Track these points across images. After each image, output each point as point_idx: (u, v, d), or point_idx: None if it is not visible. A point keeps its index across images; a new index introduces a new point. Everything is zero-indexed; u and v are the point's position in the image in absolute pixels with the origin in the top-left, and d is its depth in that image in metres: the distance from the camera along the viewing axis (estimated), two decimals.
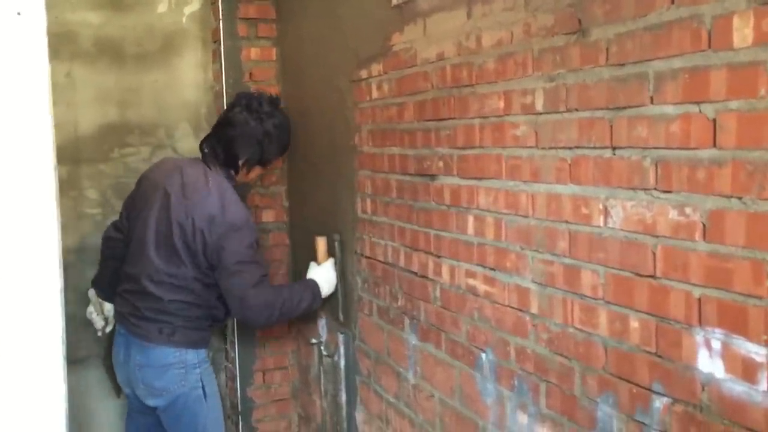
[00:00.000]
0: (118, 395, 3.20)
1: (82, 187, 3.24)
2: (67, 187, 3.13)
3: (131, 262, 2.73)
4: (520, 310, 1.73)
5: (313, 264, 2.84)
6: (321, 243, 2.83)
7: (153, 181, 2.74)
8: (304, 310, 2.76)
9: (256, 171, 2.84)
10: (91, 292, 2.97)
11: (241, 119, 2.68)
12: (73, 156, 3.20)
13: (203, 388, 2.69)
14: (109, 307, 2.95)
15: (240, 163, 2.72)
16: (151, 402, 2.69)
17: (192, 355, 2.68)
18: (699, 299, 1.24)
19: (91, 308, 2.97)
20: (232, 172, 2.74)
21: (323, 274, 2.78)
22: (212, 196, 2.60)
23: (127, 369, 2.72)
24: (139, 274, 2.67)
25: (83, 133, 3.24)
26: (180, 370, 2.65)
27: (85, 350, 3.19)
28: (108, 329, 2.99)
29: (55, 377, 0.82)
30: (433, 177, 2.09)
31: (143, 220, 2.68)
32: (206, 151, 2.73)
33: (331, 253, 2.82)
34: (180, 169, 2.71)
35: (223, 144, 2.69)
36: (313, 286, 2.74)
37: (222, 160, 2.70)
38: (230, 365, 3.46)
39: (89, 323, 2.98)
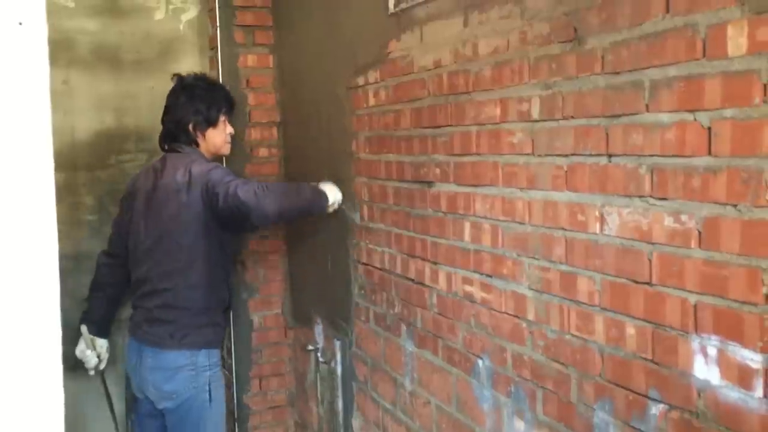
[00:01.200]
0: (109, 404, 3.15)
1: (78, 193, 3.24)
2: (64, 194, 3.13)
3: (136, 268, 2.78)
4: (517, 317, 1.73)
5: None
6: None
7: (133, 193, 2.83)
8: (309, 201, 2.65)
9: (214, 134, 2.83)
10: (83, 329, 2.91)
11: (172, 99, 2.81)
12: (69, 162, 3.20)
13: (210, 392, 2.70)
14: (101, 343, 2.94)
15: (191, 129, 2.78)
16: (161, 405, 2.72)
17: (203, 358, 2.70)
18: (695, 306, 1.24)
19: (82, 345, 2.92)
20: (195, 146, 2.81)
21: (328, 185, 2.73)
22: (181, 169, 2.68)
23: (139, 375, 2.74)
24: (146, 274, 2.72)
25: (80, 139, 3.24)
26: (191, 372, 2.67)
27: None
28: (102, 366, 2.96)
29: (53, 385, 0.83)
30: (429, 184, 2.10)
31: (135, 225, 2.77)
32: (165, 146, 2.84)
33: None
34: (151, 168, 2.83)
35: (173, 127, 2.80)
36: (314, 186, 2.71)
37: (183, 140, 2.79)
38: (227, 372, 3.45)
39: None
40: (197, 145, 2.80)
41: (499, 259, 1.79)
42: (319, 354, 3.00)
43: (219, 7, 3.22)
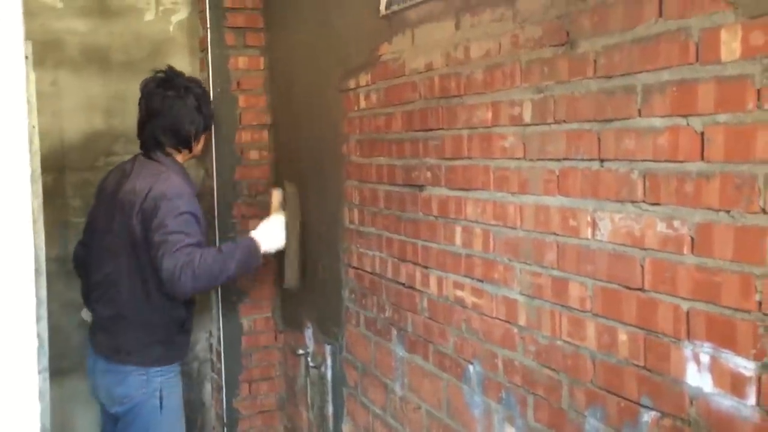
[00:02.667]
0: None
1: (66, 195, 3.21)
2: (52, 196, 3.09)
3: (92, 271, 2.72)
4: (508, 322, 1.72)
5: (272, 215, 2.78)
6: (275, 195, 2.77)
7: (102, 189, 2.77)
8: (238, 269, 2.59)
9: (202, 140, 2.82)
10: (85, 312, 2.90)
11: (169, 102, 2.65)
12: (58, 164, 3.17)
13: (161, 399, 2.61)
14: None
15: (192, 137, 2.70)
16: (113, 409, 2.66)
17: (154, 367, 2.63)
18: (687, 313, 1.23)
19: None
20: (176, 152, 2.71)
21: (267, 229, 2.70)
22: (146, 180, 2.58)
23: (93, 378, 2.72)
24: (100, 280, 2.66)
25: (69, 141, 3.21)
26: (141, 376, 2.59)
27: (68, 361, 3.15)
28: None
29: (29, 393, 0.80)
30: (421, 187, 2.08)
31: (96, 225, 2.72)
32: (148, 144, 2.70)
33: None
34: (122, 170, 2.73)
35: (165, 132, 2.66)
36: (248, 245, 2.62)
37: (173, 144, 2.68)
38: (216, 376, 3.43)
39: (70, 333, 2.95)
40: (189, 149, 2.72)
41: (491, 263, 1.77)
42: (309, 358, 2.98)
43: (210, 9, 3.20)
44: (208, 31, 3.21)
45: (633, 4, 1.31)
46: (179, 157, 2.75)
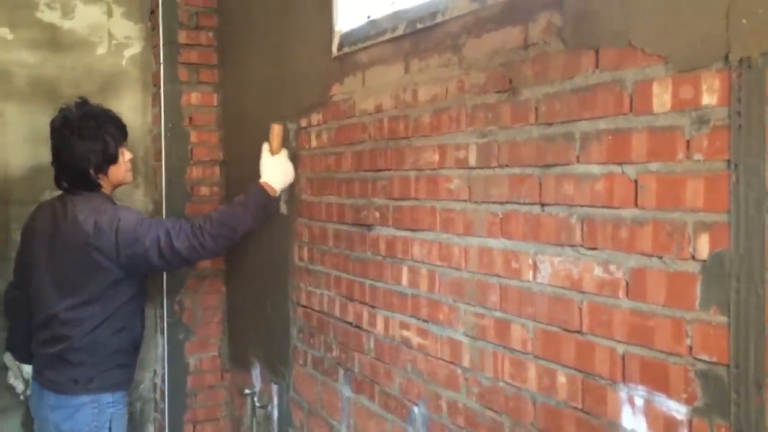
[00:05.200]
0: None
1: (10, 229, 3.13)
2: None
3: (37, 312, 2.63)
4: (453, 363, 1.72)
5: (265, 153, 2.59)
6: (276, 130, 2.57)
7: (33, 229, 2.68)
8: (255, 218, 2.55)
9: (116, 169, 2.63)
10: (7, 357, 2.83)
11: (66, 143, 2.54)
12: (1, 197, 3.09)
13: (110, 429, 2.56)
14: (28, 369, 2.81)
15: (92, 175, 2.57)
16: None
17: (107, 396, 2.57)
18: (623, 356, 1.26)
19: (9, 373, 2.84)
20: (97, 188, 2.61)
21: (275, 167, 2.57)
22: (86, 216, 2.50)
23: (40, 414, 2.62)
24: (48, 320, 2.57)
25: (13, 173, 3.14)
26: (93, 409, 2.54)
27: (6, 400, 3.04)
28: (29, 392, 2.86)
29: None
30: (369, 227, 2.09)
31: (36, 268, 2.61)
32: (65, 185, 2.61)
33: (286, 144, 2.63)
34: (49, 207, 2.65)
35: (69, 171, 2.57)
36: (257, 196, 2.55)
37: (82, 185, 2.58)
38: (159, 416, 3.34)
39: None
40: (99, 186, 2.61)
41: (436, 304, 1.78)
42: (255, 398, 2.93)
43: (163, 45, 3.20)
44: (162, 66, 3.20)
45: (571, 55, 1.36)
46: (105, 189, 2.65)
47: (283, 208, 2.70)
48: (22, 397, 2.90)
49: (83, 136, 2.53)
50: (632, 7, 1.24)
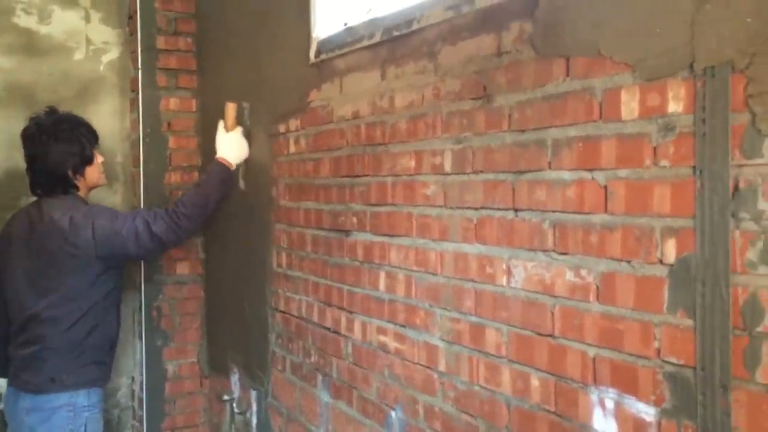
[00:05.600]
0: None
1: None
2: None
3: (14, 315, 2.64)
4: (429, 368, 1.74)
5: (221, 130, 2.81)
6: (230, 109, 2.77)
7: (8, 236, 2.70)
8: (220, 194, 2.79)
9: (91, 170, 2.73)
10: None
11: (42, 148, 2.62)
12: None
13: None
14: (2, 382, 2.80)
15: (70, 176, 2.66)
16: None
17: (83, 398, 2.59)
18: (593, 359, 1.28)
19: None
20: (74, 189, 2.69)
21: (230, 143, 2.78)
22: (61, 215, 2.57)
23: (14, 419, 2.61)
24: (26, 321, 2.59)
25: None
26: (69, 413, 2.56)
27: None
28: (2, 406, 2.84)
29: None
30: (347, 233, 2.10)
31: (11, 272, 2.64)
32: (39, 191, 2.68)
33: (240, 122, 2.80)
34: (25, 213, 2.69)
35: (47, 176, 2.64)
36: (217, 172, 2.76)
37: (59, 188, 2.65)
38: (137, 423, 3.32)
39: None
40: (76, 188, 2.68)
41: (413, 309, 1.80)
42: (234, 404, 2.92)
43: (141, 50, 3.19)
44: (140, 71, 3.19)
45: (543, 63, 1.38)
46: (81, 192, 2.72)
47: (242, 183, 2.85)
48: None
49: (59, 139, 2.62)
50: (601, 16, 1.26)
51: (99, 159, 2.76)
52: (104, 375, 2.72)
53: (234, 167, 2.78)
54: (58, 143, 2.61)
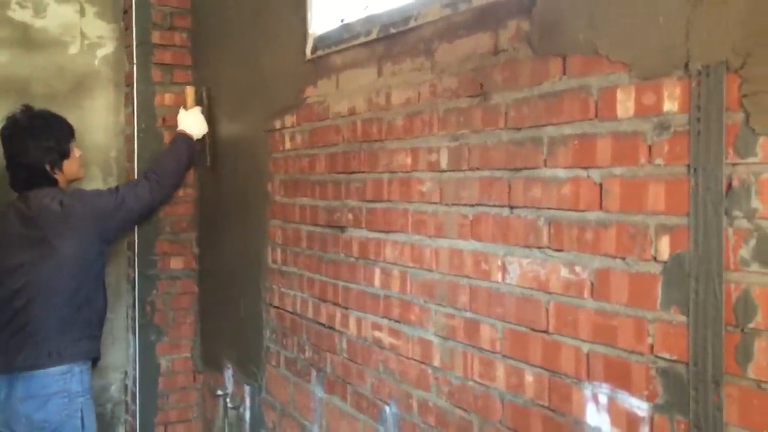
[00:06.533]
0: None
1: None
2: None
3: (7, 305, 2.69)
4: (423, 363, 1.75)
5: (181, 111, 3.10)
6: (189, 91, 3.10)
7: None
8: (188, 158, 3.10)
9: (69, 163, 2.82)
10: None
11: (20, 145, 2.72)
12: None
13: (82, 419, 2.67)
14: None
15: (49, 171, 2.75)
16: None
17: (77, 384, 2.67)
18: (587, 355, 1.29)
19: None
20: (54, 183, 2.77)
21: (190, 119, 3.06)
22: (50, 201, 2.68)
23: (8, 407, 2.64)
24: (20, 307, 2.65)
25: None
26: (63, 399, 2.64)
27: None
28: None
29: None
30: (342, 229, 2.11)
31: (9, 260, 2.70)
32: (20, 187, 2.76)
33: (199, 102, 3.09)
34: (15, 208, 2.75)
35: (27, 172, 2.74)
36: (181, 139, 3.05)
37: (41, 182, 2.74)
38: (130, 418, 3.32)
39: None
40: (55, 182, 2.76)
41: (407, 305, 1.81)
42: (228, 399, 2.93)
43: (137, 45, 3.18)
44: (135, 66, 3.19)
45: (540, 61, 1.39)
46: (61, 185, 2.81)
47: (208, 159, 3.10)
48: None
49: (35, 136, 2.73)
50: (598, 15, 1.27)
51: (77, 153, 2.87)
52: (96, 348, 2.83)
53: (194, 139, 3.04)
54: (34, 140, 2.72)
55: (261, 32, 2.63)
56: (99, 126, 3.31)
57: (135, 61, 3.18)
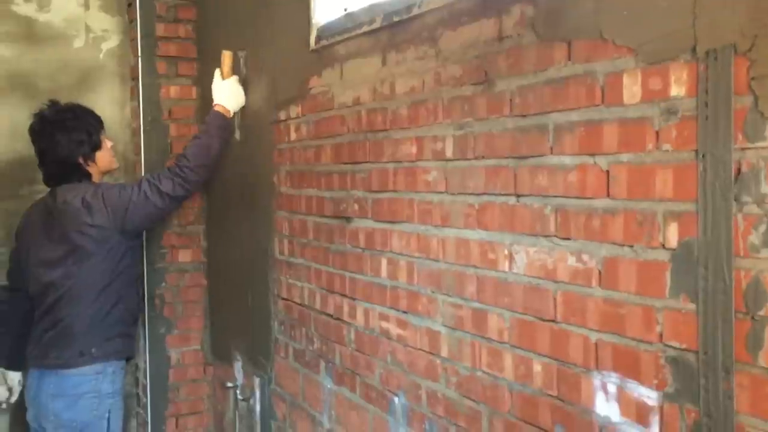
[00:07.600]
0: None
1: None
2: None
3: (39, 299, 2.70)
4: (431, 354, 1.74)
5: (217, 78, 2.81)
6: (227, 57, 2.78)
7: (26, 226, 2.79)
8: (222, 142, 2.81)
9: (102, 155, 2.80)
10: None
11: (50, 140, 2.68)
12: None
13: (108, 420, 2.66)
14: (13, 376, 2.85)
15: (82, 164, 2.73)
16: None
17: (108, 385, 2.66)
18: (596, 344, 1.28)
19: None
20: (87, 177, 2.76)
21: (227, 90, 2.79)
22: (75, 197, 2.66)
23: (38, 403, 2.66)
24: (52, 303, 2.66)
25: None
26: (93, 399, 2.64)
27: None
28: (13, 399, 2.87)
29: None
30: (348, 219, 2.10)
31: (33, 258, 2.71)
32: (53, 183, 2.75)
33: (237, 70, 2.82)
34: (42, 203, 2.78)
35: (59, 166, 2.71)
36: (215, 123, 2.78)
37: (74, 177, 2.72)
38: (141, 411, 3.34)
39: None
40: (89, 175, 2.75)
41: (415, 295, 1.80)
42: (238, 391, 2.94)
43: (141, 38, 3.17)
44: (140, 59, 3.18)
45: (545, 47, 1.37)
46: (94, 178, 2.79)
47: (238, 134, 2.87)
48: (3, 406, 2.92)
49: (66, 129, 2.68)
50: None
51: (108, 143, 2.82)
52: (130, 347, 2.82)
53: (231, 114, 2.81)
54: (65, 133, 2.67)
55: (265, 23, 2.62)
56: (105, 119, 3.26)
57: (140, 54, 3.18)
